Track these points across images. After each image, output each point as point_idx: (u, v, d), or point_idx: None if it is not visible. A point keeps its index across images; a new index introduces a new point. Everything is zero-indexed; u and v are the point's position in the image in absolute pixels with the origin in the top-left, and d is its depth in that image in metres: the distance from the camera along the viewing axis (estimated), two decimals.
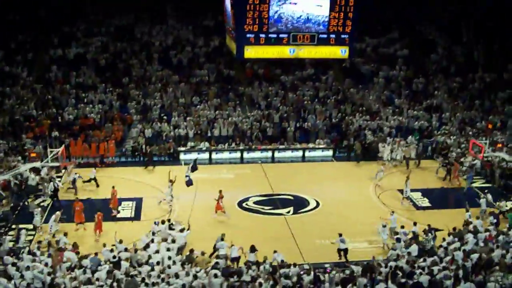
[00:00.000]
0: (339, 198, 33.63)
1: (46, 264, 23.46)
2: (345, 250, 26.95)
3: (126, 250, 25.03)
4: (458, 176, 36.88)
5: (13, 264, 23.32)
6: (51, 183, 32.71)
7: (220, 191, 31.07)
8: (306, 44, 30.93)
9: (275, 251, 25.15)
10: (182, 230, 27.32)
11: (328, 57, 33.41)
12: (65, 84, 44.76)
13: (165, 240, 26.69)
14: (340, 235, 26.86)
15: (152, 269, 23.35)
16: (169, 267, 23.55)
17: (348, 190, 35.09)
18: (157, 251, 25.20)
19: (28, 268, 22.63)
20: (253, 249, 25.31)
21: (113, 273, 22.63)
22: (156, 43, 49.62)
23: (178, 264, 24.24)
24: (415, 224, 28.07)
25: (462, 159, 38.81)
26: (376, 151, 40.63)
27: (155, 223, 28.19)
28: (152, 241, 26.10)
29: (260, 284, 22.00)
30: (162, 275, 22.69)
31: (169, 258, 24.23)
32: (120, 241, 25.59)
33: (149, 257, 24.46)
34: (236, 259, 25.63)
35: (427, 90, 48.27)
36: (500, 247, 25.28)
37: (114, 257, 24.30)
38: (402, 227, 27.64)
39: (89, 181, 35.04)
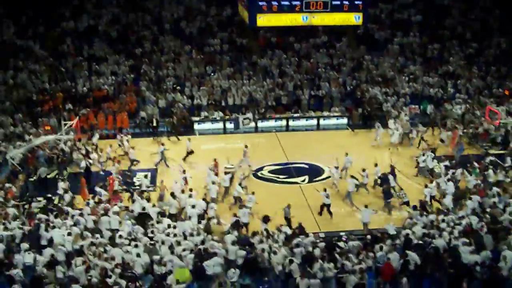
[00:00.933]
0: (355, 166, 33.47)
1: None
2: (328, 206, 27.57)
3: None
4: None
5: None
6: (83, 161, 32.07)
7: (215, 159, 31.45)
8: (319, 11, 30.58)
9: (288, 205, 26.48)
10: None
11: (342, 24, 33.05)
12: (77, 56, 44.69)
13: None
14: (325, 189, 27.60)
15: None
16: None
17: (364, 158, 34.80)
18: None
19: None
20: (266, 219, 25.44)
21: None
22: (168, 14, 49.25)
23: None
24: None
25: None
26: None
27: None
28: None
29: (275, 252, 22.34)
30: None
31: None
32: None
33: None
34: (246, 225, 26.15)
35: (442, 56, 47.74)
36: None
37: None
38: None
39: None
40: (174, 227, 24.74)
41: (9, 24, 45.91)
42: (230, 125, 40.57)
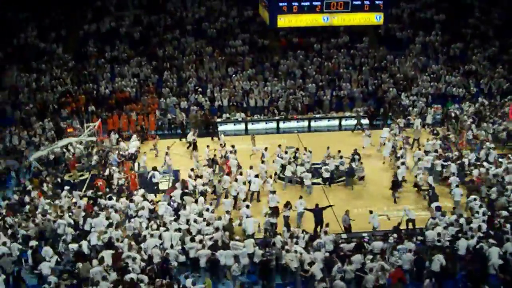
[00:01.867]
0: (376, 166, 33.33)
1: None
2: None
3: None
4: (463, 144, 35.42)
5: None
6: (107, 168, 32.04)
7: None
8: (339, 11, 30.49)
9: (300, 197, 27.06)
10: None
11: (363, 24, 32.94)
12: (99, 58, 45.01)
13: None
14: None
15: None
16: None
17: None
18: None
19: None
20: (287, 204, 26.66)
21: None
22: (189, 15, 49.39)
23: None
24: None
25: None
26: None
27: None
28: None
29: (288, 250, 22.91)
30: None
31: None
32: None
33: None
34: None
35: (464, 55, 47.41)
36: None
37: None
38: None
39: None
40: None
41: (32, 27, 46.39)
42: (252, 126, 40.61)
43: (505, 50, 47.57)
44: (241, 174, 30.31)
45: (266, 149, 33.08)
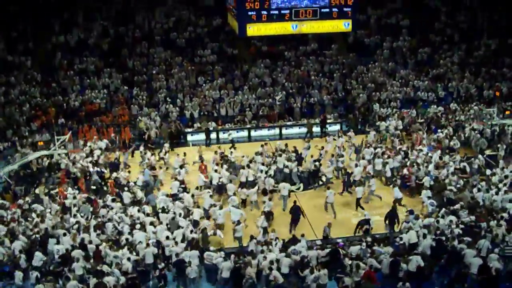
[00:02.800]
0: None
1: None
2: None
3: None
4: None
5: None
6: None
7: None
8: (308, 19, 30.76)
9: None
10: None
11: (331, 31, 33.22)
12: (69, 70, 44.70)
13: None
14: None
15: None
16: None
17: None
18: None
19: None
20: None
21: None
22: (158, 26, 49.31)
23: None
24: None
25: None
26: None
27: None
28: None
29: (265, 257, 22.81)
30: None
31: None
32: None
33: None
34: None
35: (432, 59, 47.99)
36: None
37: None
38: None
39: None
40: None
41: None
42: (223, 135, 40.62)
43: (471, 53, 48.23)
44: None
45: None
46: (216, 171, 31.57)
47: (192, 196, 28.95)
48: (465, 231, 24.63)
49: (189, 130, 40.73)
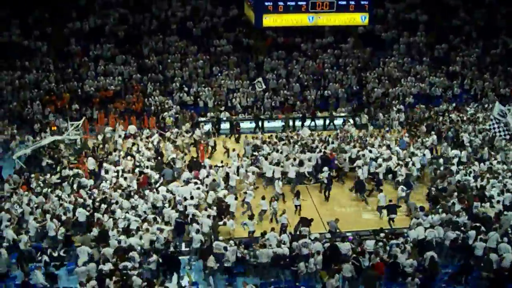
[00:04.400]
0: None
1: None
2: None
3: None
4: None
5: None
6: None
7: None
8: (325, 11, 30.64)
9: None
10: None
11: (348, 24, 33.08)
12: (84, 56, 44.81)
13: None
14: None
15: None
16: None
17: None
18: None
19: None
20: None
21: None
22: (176, 13, 49.26)
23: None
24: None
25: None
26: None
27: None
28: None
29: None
30: None
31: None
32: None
33: None
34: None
35: (448, 56, 47.71)
36: None
37: None
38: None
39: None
40: None
41: (16, 25, 46.04)
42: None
43: (488, 51, 47.93)
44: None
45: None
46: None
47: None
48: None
49: (202, 119, 40.66)
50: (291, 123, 40.82)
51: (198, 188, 28.12)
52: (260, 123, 40.29)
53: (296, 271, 22.70)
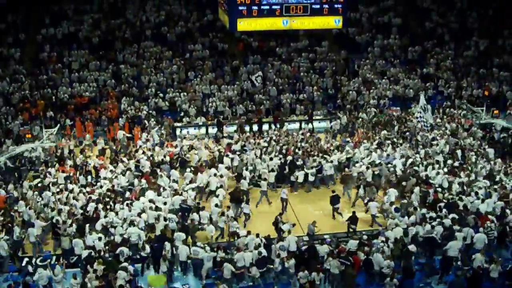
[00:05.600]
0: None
1: None
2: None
3: None
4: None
5: None
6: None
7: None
8: (299, 15, 30.73)
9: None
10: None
11: (322, 28, 33.16)
12: (58, 63, 44.49)
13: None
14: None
15: None
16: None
17: None
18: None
19: None
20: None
21: None
22: (150, 19, 49.11)
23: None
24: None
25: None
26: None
27: None
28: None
29: None
30: None
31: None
32: None
33: None
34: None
35: (422, 58, 48.11)
36: None
37: None
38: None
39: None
40: None
41: None
42: (212, 130, 40.54)
43: (461, 53, 48.42)
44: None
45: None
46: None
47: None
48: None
49: (179, 124, 40.56)
50: (267, 127, 40.88)
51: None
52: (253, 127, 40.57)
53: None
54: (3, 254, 23.87)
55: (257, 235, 24.34)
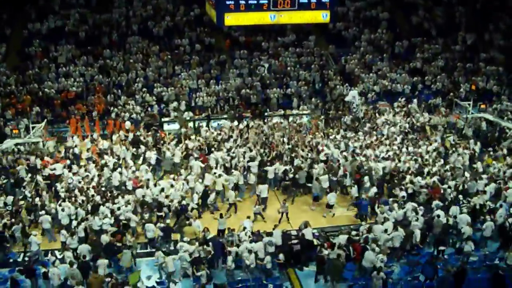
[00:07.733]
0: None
1: None
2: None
3: None
4: None
5: None
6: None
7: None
8: (286, 9, 30.63)
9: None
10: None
11: (309, 22, 33.15)
12: (44, 58, 44.22)
13: None
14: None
15: None
16: None
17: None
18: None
19: None
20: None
21: None
22: (137, 13, 48.88)
23: None
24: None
25: None
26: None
27: None
28: None
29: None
30: None
31: None
32: None
33: None
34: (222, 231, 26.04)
35: (409, 53, 48.22)
36: None
37: None
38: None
39: None
40: None
41: None
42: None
43: (448, 48, 48.55)
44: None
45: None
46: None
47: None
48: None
49: (166, 119, 40.47)
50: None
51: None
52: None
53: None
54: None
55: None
